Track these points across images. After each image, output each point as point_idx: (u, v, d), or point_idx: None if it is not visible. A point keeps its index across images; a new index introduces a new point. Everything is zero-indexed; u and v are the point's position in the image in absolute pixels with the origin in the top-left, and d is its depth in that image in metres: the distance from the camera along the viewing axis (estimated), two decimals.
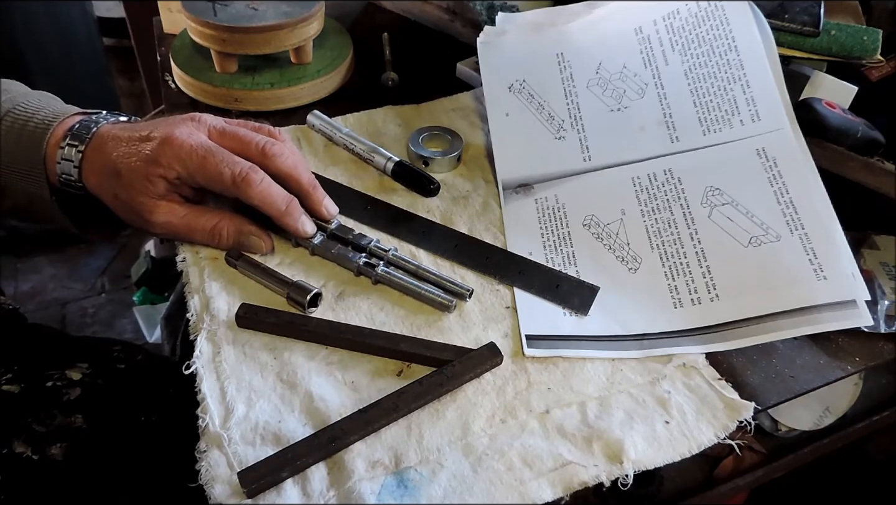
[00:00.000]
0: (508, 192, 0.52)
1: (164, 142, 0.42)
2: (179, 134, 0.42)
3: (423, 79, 0.65)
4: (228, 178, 0.42)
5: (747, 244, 0.44)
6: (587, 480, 0.35)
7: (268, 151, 0.44)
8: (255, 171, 0.42)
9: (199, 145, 0.42)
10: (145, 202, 0.43)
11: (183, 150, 0.41)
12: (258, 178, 0.42)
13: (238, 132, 0.44)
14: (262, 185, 0.43)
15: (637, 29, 0.54)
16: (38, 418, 0.46)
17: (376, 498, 0.34)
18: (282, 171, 0.44)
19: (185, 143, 0.42)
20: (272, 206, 0.43)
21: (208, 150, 0.42)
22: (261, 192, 0.43)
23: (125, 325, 1.37)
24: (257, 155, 0.44)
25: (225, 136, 0.44)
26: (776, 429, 0.57)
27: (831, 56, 0.51)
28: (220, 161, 0.42)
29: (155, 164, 0.41)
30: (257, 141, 0.44)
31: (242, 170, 0.42)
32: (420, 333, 0.42)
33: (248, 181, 0.42)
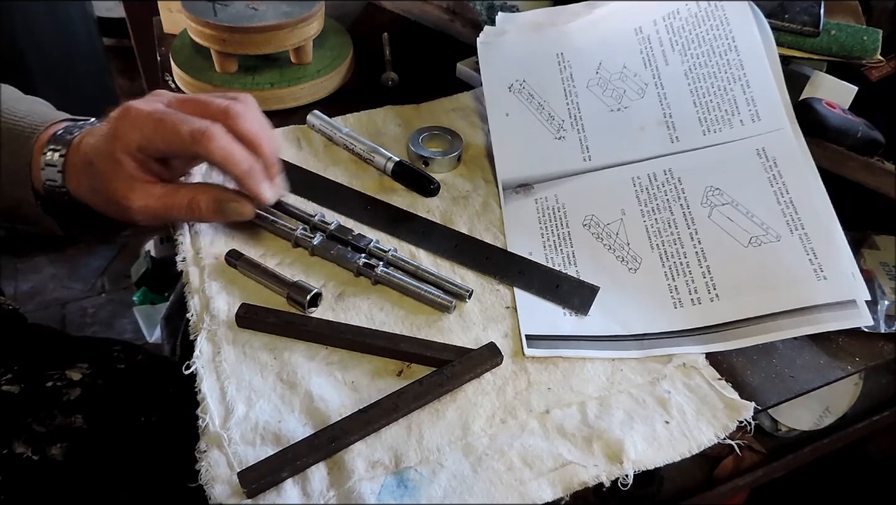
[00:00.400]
0: (508, 192, 0.52)
1: (120, 115, 0.41)
2: (135, 104, 0.41)
3: (423, 79, 0.65)
4: (187, 136, 0.39)
5: (747, 244, 0.44)
6: (587, 480, 0.35)
7: (230, 111, 0.41)
8: (215, 126, 0.40)
9: (155, 110, 0.41)
10: (118, 187, 0.41)
11: (139, 118, 0.40)
12: (219, 132, 0.40)
13: (198, 97, 0.43)
14: (224, 141, 0.40)
15: (637, 29, 0.54)
16: (38, 418, 0.46)
17: (376, 498, 0.34)
18: (244, 133, 0.41)
19: (140, 110, 0.40)
20: (235, 166, 0.41)
21: (164, 113, 0.40)
22: (222, 149, 0.40)
23: (125, 325, 1.37)
24: (219, 115, 0.41)
25: (185, 103, 0.42)
26: (776, 429, 0.57)
27: (831, 56, 0.51)
28: (176, 121, 0.40)
29: (115, 138, 0.40)
30: (218, 103, 0.42)
31: (201, 126, 0.40)
32: (420, 333, 0.42)
33: (208, 136, 0.39)
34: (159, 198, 0.42)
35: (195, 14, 0.58)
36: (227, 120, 0.41)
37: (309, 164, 0.54)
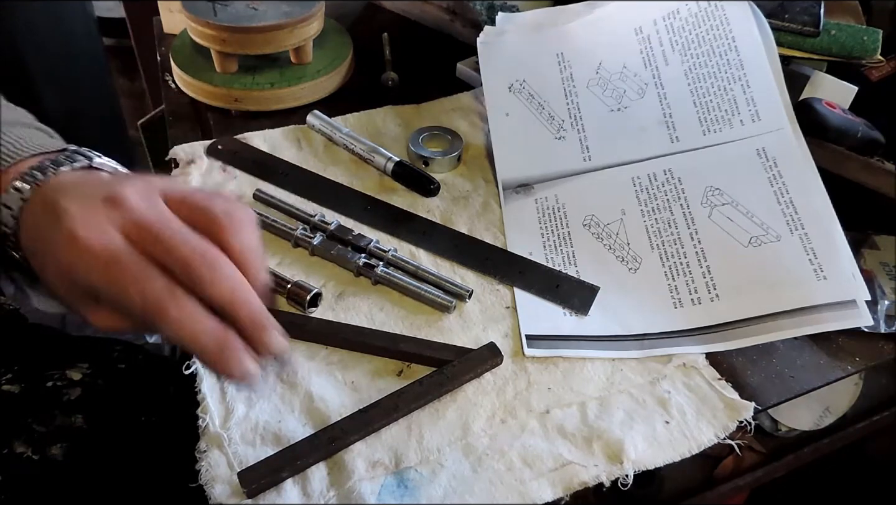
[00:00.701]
0: (508, 192, 0.52)
1: (66, 243, 0.31)
2: (81, 230, 0.30)
3: (423, 79, 0.65)
4: (135, 300, 0.30)
5: (747, 244, 0.44)
6: (587, 480, 0.35)
7: (193, 271, 0.30)
8: (172, 295, 0.30)
9: (104, 248, 0.30)
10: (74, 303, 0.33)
11: (85, 254, 0.30)
12: (176, 306, 0.30)
13: (160, 231, 0.31)
14: (182, 317, 0.30)
15: (637, 29, 0.54)
16: (38, 418, 0.46)
17: (376, 498, 0.34)
18: (211, 300, 0.31)
19: (86, 244, 0.30)
20: (198, 350, 0.31)
21: (114, 257, 0.30)
22: (180, 328, 0.30)
23: None
24: (180, 271, 0.31)
25: (142, 234, 0.31)
26: (776, 429, 0.57)
27: (831, 56, 0.51)
28: (127, 275, 0.30)
29: (64, 265, 0.31)
30: (181, 251, 0.31)
31: (154, 293, 0.30)
32: (420, 333, 0.42)
33: (160, 310, 0.30)
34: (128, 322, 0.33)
35: (195, 14, 0.58)
36: (189, 280, 0.31)
37: (309, 164, 0.54)
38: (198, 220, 0.32)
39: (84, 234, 0.30)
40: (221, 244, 0.32)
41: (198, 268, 0.31)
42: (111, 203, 0.32)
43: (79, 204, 0.32)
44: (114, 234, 0.31)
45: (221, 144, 0.55)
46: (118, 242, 0.31)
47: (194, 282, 0.31)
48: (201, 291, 0.31)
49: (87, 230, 0.31)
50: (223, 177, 0.53)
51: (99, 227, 0.31)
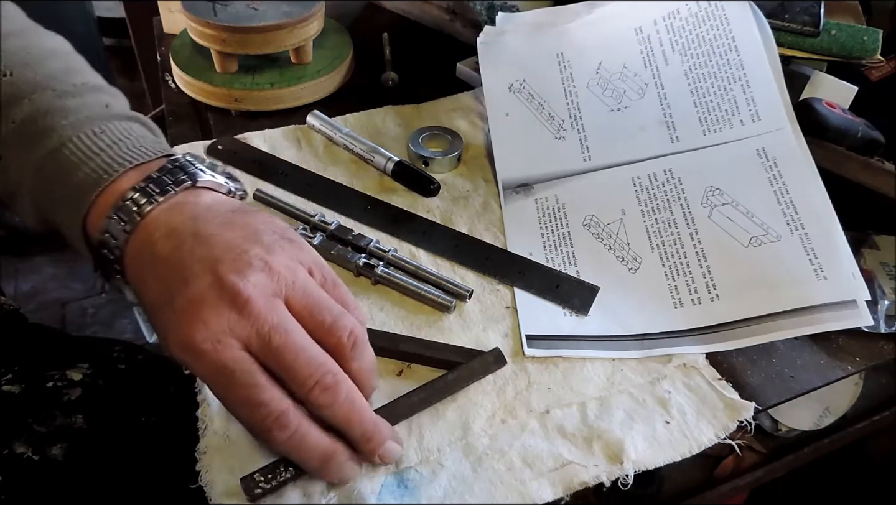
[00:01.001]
0: (508, 192, 0.52)
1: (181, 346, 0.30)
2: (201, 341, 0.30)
3: (423, 79, 0.65)
4: (248, 425, 0.32)
5: (747, 244, 0.44)
6: (587, 480, 0.35)
7: (313, 399, 0.31)
8: (281, 425, 0.30)
9: (222, 367, 0.30)
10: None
11: (200, 367, 0.30)
12: (291, 426, 0.31)
13: (285, 355, 0.31)
14: (289, 443, 0.31)
15: (637, 29, 0.54)
16: (38, 419, 0.46)
17: (376, 498, 0.34)
18: (328, 421, 0.32)
19: (205, 356, 0.30)
20: (304, 462, 0.32)
21: (230, 377, 0.30)
22: (290, 445, 0.31)
23: (125, 325, 1.36)
24: (302, 393, 0.31)
25: (267, 354, 0.31)
26: (776, 429, 0.57)
27: (831, 56, 0.51)
28: (241, 398, 0.30)
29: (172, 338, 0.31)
30: (305, 377, 0.31)
31: (266, 420, 0.30)
32: (420, 333, 0.42)
33: (270, 438, 0.31)
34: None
35: (195, 14, 0.58)
36: (306, 401, 0.31)
37: (309, 164, 0.54)
38: (319, 335, 0.32)
39: (200, 343, 0.30)
40: (340, 363, 0.32)
41: (317, 396, 0.31)
42: (234, 303, 0.30)
43: (194, 290, 0.30)
44: (233, 344, 0.30)
45: (221, 144, 0.55)
46: (235, 356, 0.30)
47: (310, 403, 0.31)
48: (317, 412, 0.31)
49: (203, 339, 0.30)
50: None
51: (218, 336, 0.30)
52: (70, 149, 0.35)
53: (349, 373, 0.32)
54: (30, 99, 0.36)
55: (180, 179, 0.35)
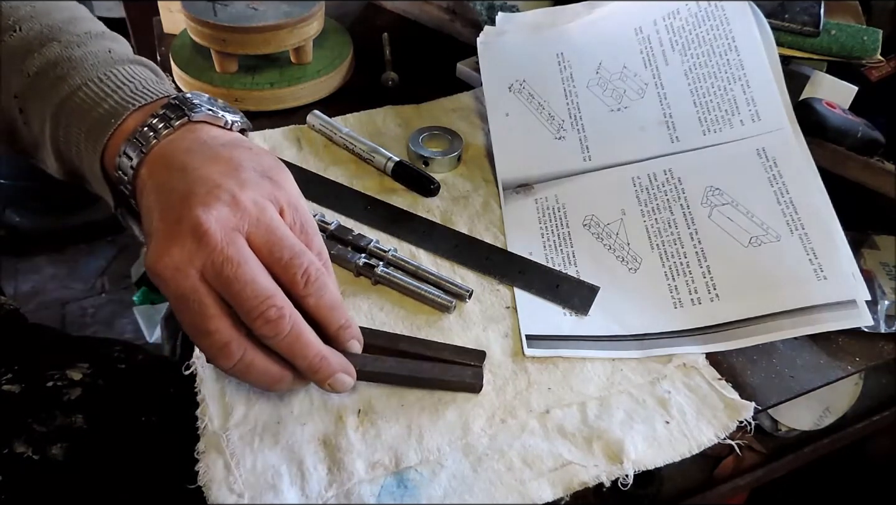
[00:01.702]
0: (508, 192, 0.52)
1: (149, 268, 0.32)
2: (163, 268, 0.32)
3: (423, 79, 0.65)
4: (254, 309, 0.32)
5: (747, 244, 0.44)
6: (587, 480, 0.35)
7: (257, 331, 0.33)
8: (226, 353, 0.33)
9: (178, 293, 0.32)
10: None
11: (163, 289, 0.32)
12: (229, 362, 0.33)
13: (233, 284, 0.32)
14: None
15: (637, 29, 0.54)
16: (38, 418, 0.46)
17: (376, 498, 0.34)
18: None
19: (166, 281, 0.32)
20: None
21: (184, 302, 0.32)
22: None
23: (125, 325, 1.36)
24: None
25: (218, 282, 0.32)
26: (776, 429, 0.57)
27: (831, 56, 0.51)
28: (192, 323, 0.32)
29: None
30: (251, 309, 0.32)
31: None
32: (420, 333, 0.42)
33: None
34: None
35: (195, 14, 0.58)
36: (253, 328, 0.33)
37: (309, 164, 0.54)
38: (275, 271, 0.34)
39: (161, 269, 0.32)
40: (297, 299, 0.34)
41: (260, 326, 0.33)
42: (195, 234, 0.32)
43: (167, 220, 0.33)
44: (190, 273, 0.32)
45: None
46: (191, 285, 0.32)
47: (257, 333, 0.33)
48: (264, 342, 0.33)
49: (165, 266, 0.32)
50: None
51: (178, 264, 0.32)
52: (80, 97, 0.38)
53: (307, 308, 0.34)
54: (39, 52, 0.39)
55: (180, 115, 0.37)
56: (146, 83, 0.40)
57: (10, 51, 0.40)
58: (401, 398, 0.38)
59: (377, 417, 0.37)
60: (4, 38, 0.40)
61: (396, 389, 0.39)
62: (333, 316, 0.36)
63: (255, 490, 0.34)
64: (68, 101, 0.38)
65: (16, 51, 0.40)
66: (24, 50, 0.39)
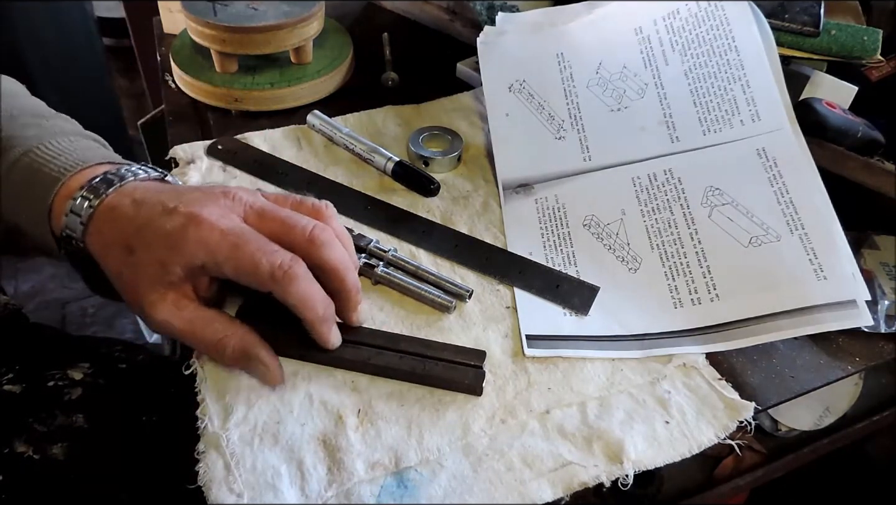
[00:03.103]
0: (508, 192, 0.52)
1: (189, 223, 0.35)
2: (209, 215, 0.35)
3: (423, 79, 0.65)
4: (266, 272, 0.34)
5: (747, 244, 0.44)
6: (587, 480, 0.35)
7: (315, 238, 0.36)
8: (298, 264, 0.35)
9: (231, 230, 0.35)
10: (147, 292, 0.36)
11: (212, 236, 0.35)
12: (301, 272, 0.35)
13: (280, 214, 0.37)
14: (305, 284, 0.35)
15: (637, 29, 0.54)
16: (39, 418, 0.46)
17: (376, 499, 0.34)
18: (328, 265, 0.37)
19: (214, 226, 0.35)
20: (310, 310, 0.36)
21: (241, 237, 0.35)
22: (302, 292, 0.35)
23: (125, 325, 1.36)
24: (302, 242, 0.36)
25: (264, 219, 0.37)
26: (776, 429, 0.57)
27: (831, 56, 0.51)
28: (255, 250, 0.35)
29: (175, 250, 0.35)
30: (303, 225, 0.36)
31: (284, 262, 0.35)
32: (420, 333, 0.42)
33: (289, 276, 0.35)
34: (188, 322, 0.37)
35: (195, 14, 0.58)
36: (310, 249, 0.36)
37: (309, 164, 0.55)
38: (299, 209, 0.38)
39: (209, 217, 0.35)
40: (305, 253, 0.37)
41: (318, 237, 0.36)
42: (227, 195, 0.37)
43: (189, 198, 0.37)
44: (236, 218, 0.36)
45: (221, 144, 0.55)
46: (242, 224, 0.36)
47: (314, 252, 0.36)
48: (319, 258, 0.36)
49: (211, 214, 0.35)
50: (223, 177, 0.53)
51: (222, 212, 0.36)
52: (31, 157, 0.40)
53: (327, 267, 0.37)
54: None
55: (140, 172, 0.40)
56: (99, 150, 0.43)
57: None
58: (401, 398, 0.38)
59: (377, 417, 0.37)
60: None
61: (396, 389, 0.39)
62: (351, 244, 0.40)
63: (255, 490, 0.34)
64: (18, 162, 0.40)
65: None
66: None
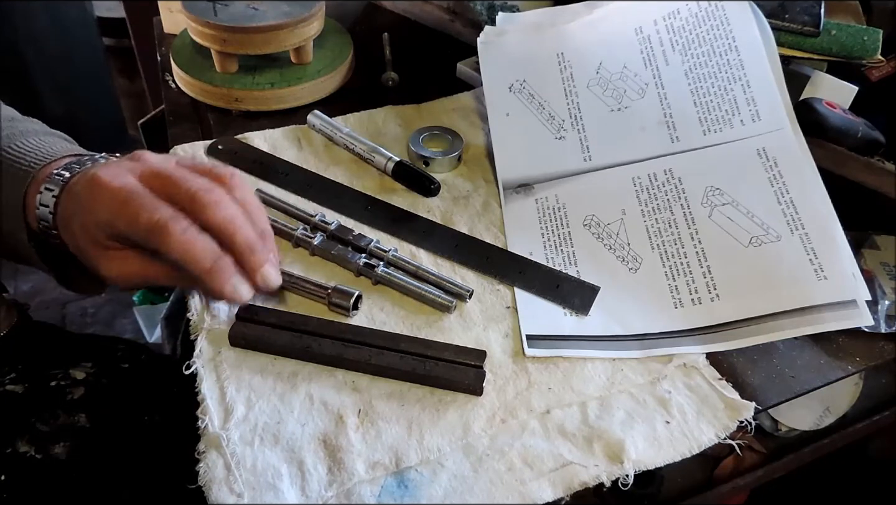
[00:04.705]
0: (509, 192, 0.52)
1: (89, 184, 0.37)
2: (104, 175, 0.37)
3: (424, 79, 0.65)
4: (144, 226, 0.35)
5: (748, 244, 0.44)
6: (588, 480, 0.35)
7: (198, 198, 0.36)
8: (176, 219, 0.35)
9: (122, 187, 0.36)
10: (93, 255, 0.38)
11: (104, 194, 0.36)
12: (179, 227, 0.35)
13: (171, 174, 0.37)
14: (184, 237, 0.35)
15: (637, 29, 0.54)
16: (41, 418, 0.46)
17: (376, 499, 0.34)
18: (211, 224, 0.37)
19: (107, 184, 0.36)
20: (194, 263, 0.36)
21: (129, 193, 0.36)
22: (180, 245, 0.35)
23: (125, 325, 1.36)
24: (186, 200, 0.36)
25: (156, 177, 0.37)
26: (776, 429, 0.57)
27: (831, 56, 0.51)
28: (139, 206, 0.36)
29: (86, 212, 0.37)
30: (189, 185, 0.37)
31: (161, 217, 0.35)
32: (420, 333, 0.42)
33: (164, 230, 0.35)
34: (138, 267, 0.39)
35: (195, 14, 0.58)
36: (193, 207, 0.36)
37: (309, 164, 0.55)
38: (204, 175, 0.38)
39: (104, 177, 0.37)
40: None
41: (202, 197, 0.36)
42: (132, 157, 0.39)
43: (105, 163, 0.39)
44: (130, 177, 0.37)
45: (222, 144, 0.55)
46: (133, 182, 0.37)
47: (197, 210, 0.36)
48: (203, 217, 0.36)
49: (107, 174, 0.37)
50: None
51: (118, 172, 0.37)
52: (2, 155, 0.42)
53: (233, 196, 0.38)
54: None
55: (107, 158, 0.42)
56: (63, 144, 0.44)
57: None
58: (401, 398, 0.38)
59: (377, 417, 0.37)
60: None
61: (397, 389, 0.39)
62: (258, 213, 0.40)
63: (256, 490, 0.34)
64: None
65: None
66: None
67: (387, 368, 0.39)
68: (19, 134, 0.43)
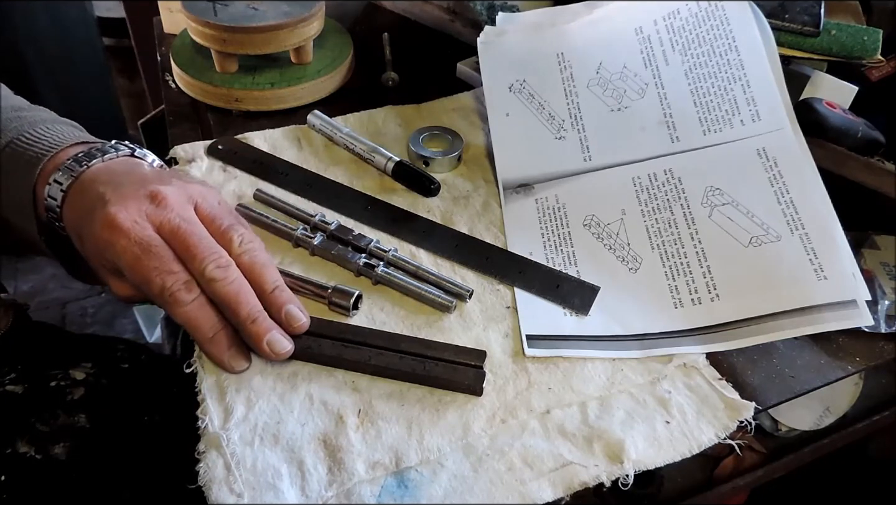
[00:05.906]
0: (509, 192, 0.52)
1: (105, 225, 0.37)
2: (123, 220, 0.37)
3: (424, 79, 0.65)
4: (156, 291, 0.37)
5: (748, 244, 0.44)
6: (588, 480, 0.35)
7: (207, 274, 0.37)
8: (184, 290, 0.37)
9: (139, 241, 0.37)
10: (100, 270, 0.40)
11: (120, 242, 0.37)
12: (187, 298, 0.37)
13: (188, 238, 0.38)
14: (189, 307, 0.37)
15: (637, 29, 0.54)
16: (41, 418, 0.46)
17: (376, 499, 0.34)
18: (217, 299, 0.38)
19: (125, 232, 0.37)
20: (195, 332, 0.38)
21: (146, 249, 0.37)
22: (185, 314, 0.37)
23: (125, 325, 1.37)
24: (198, 273, 0.37)
25: (173, 237, 0.38)
26: (776, 429, 0.57)
27: (831, 56, 0.51)
28: (154, 267, 0.36)
29: (98, 249, 0.38)
30: (203, 257, 0.37)
31: (174, 286, 0.37)
32: (420, 333, 0.42)
33: (173, 298, 0.37)
34: (144, 296, 0.39)
35: (195, 14, 0.58)
36: (202, 281, 0.37)
37: (309, 164, 0.55)
38: (216, 237, 0.39)
39: (123, 222, 0.37)
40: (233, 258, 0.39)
41: (210, 273, 0.37)
42: (153, 199, 0.38)
43: (121, 193, 0.38)
44: (149, 229, 0.37)
45: (222, 144, 0.55)
46: (150, 236, 0.37)
47: (205, 282, 0.37)
48: (210, 289, 0.37)
49: (125, 220, 0.37)
50: (224, 176, 0.53)
51: (136, 218, 0.37)
52: (13, 146, 0.43)
53: (242, 266, 0.39)
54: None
55: (119, 150, 0.43)
56: (73, 132, 0.44)
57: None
58: (401, 398, 0.38)
59: (377, 417, 0.37)
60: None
61: (397, 389, 0.39)
62: (266, 273, 0.40)
63: (256, 490, 0.34)
64: (0, 155, 0.42)
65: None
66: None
67: (387, 368, 0.39)
68: (29, 123, 0.44)
